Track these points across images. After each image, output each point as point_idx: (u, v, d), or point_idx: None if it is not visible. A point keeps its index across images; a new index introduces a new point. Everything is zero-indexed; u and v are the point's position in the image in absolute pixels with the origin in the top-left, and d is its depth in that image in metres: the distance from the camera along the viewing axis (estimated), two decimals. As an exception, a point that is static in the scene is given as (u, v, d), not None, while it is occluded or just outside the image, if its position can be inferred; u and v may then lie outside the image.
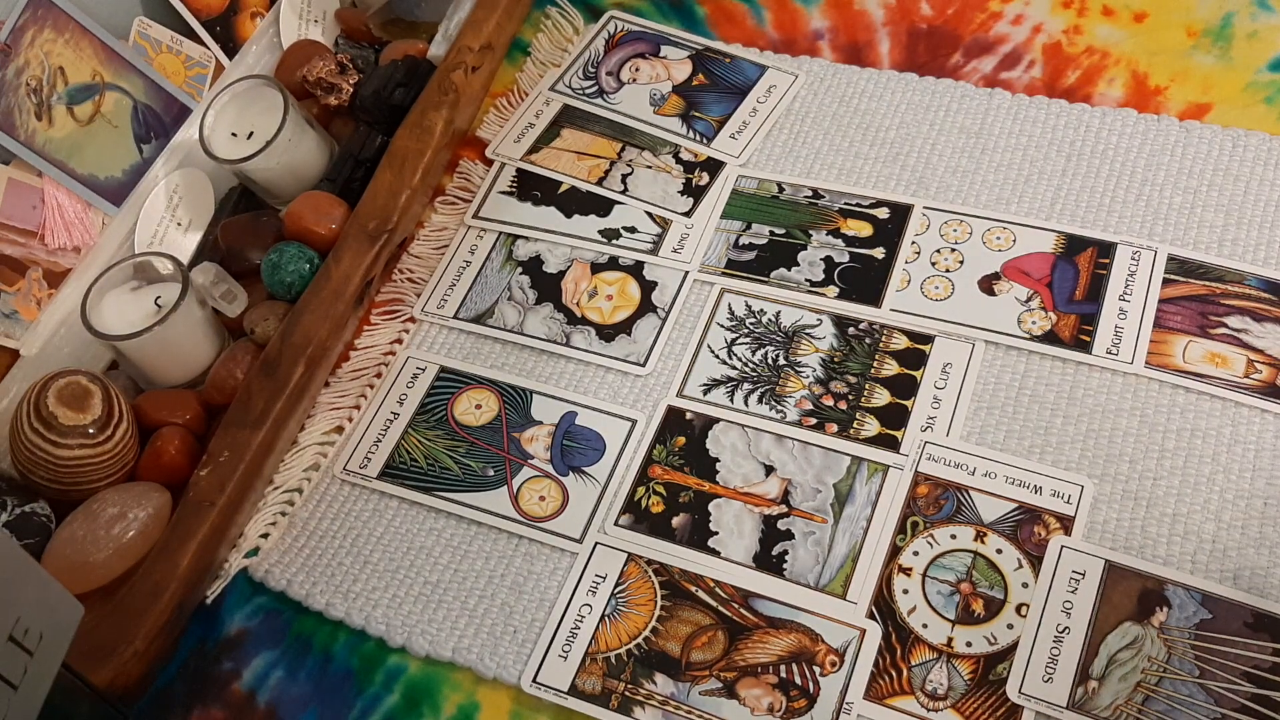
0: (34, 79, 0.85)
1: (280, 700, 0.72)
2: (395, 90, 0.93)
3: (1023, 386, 0.77)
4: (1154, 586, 0.68)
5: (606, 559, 0.74)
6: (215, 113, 0.90)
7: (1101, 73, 0.90)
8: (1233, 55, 0.89)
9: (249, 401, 0.78)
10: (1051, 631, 0.67)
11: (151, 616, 0.71)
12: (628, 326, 0.84)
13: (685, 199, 0.89)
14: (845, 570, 0.71)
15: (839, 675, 0.68)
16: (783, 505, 0.74)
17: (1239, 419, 0.73)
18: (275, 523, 0.79)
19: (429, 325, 0.87)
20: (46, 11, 0.86)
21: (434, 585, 0.75)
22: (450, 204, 0.93)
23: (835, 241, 0.85)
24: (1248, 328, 0.76)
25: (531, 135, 0.95)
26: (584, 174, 0.92)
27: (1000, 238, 0.83)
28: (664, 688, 0.69)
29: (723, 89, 0.95)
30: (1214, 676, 0.65)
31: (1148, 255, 0.80)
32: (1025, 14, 0.94)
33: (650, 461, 0.77)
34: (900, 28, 0.96)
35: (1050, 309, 0.79)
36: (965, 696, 0.66)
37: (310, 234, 0.86)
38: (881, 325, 0.81)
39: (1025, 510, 0.72)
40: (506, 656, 0.71)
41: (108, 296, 0.82)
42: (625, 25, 1.01)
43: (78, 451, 0.74)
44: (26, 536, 0.74)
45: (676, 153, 0.92)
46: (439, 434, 0.81)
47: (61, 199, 0.86)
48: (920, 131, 0.90)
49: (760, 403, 0.79)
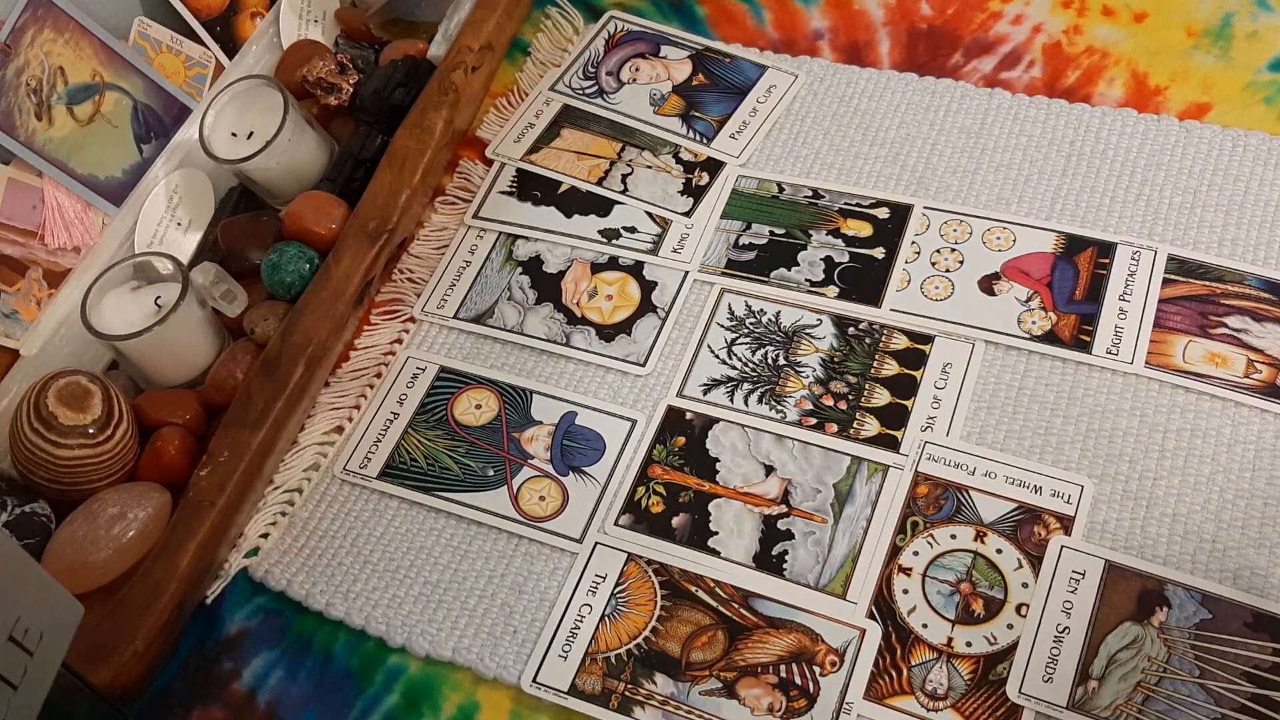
0: (34, 79, 0.85)
1: (280, 700, 0.72)
2: (395, 90, 0.93)
3: (1023, 386, 0.77)
4: (1154, 586, 0.68)
5: (606, 559, 0.74)
6: (215, 113, 0.90)
7: (1101, 73, 0.90)
8: (1233, 55, 0.89)
9: (249, 401, 0.78)
10: (1051, 631, 0.67)
11: (151, 616, 0.71)
12: (628, 326, 0.84)
13: (685, 199, 0.89)
14: (845, 570, 0.71)
15: (839, 675, 0.68)
16: (783, 505, 0.74)
17: (1239, 419, 0.73)
18: (275, 523, 0.79)
19: (429, 325, 0.87)
20: (46, 11, 0.86)
21: (434, 585, 0.75)
22: (450, 204, 0.93)
23: (835, 241, 0.85)
24: (1248, 328, 0.76)
25: (531, 135, 0.95)
26: (584, 174, 0.92)
27: (1000, 238, 0.83)
28: (664, 688, 0.69)
29: (723, 89, 0.95)
30: (1214, 676, 0.65)
31: (1148, 255, 0.80)
32: (1025, 14, 0.94)
33: (650, 461, 0.77)
34: (900, 28, 0.96)
35: (1050, 309, 0.79)
36: (965, 696, 0.66)
37: (310, 234, 0.86)
38: (881, 325, 0.81)
39: (1025, 510, 0.72)
40: (506, 656, 0.71)
41: (108, 296, 0.82)
42: (625, 25, 1.01)
43: (78, 451, 0.74)
44: (26, 536, 0.74)
45: (676, 153, 0.92)
46: (439, 434, 0.81)
47: (61, 199, 0.86)
48: (920, 131, 0.90)
49: (760, 403, 0.79)
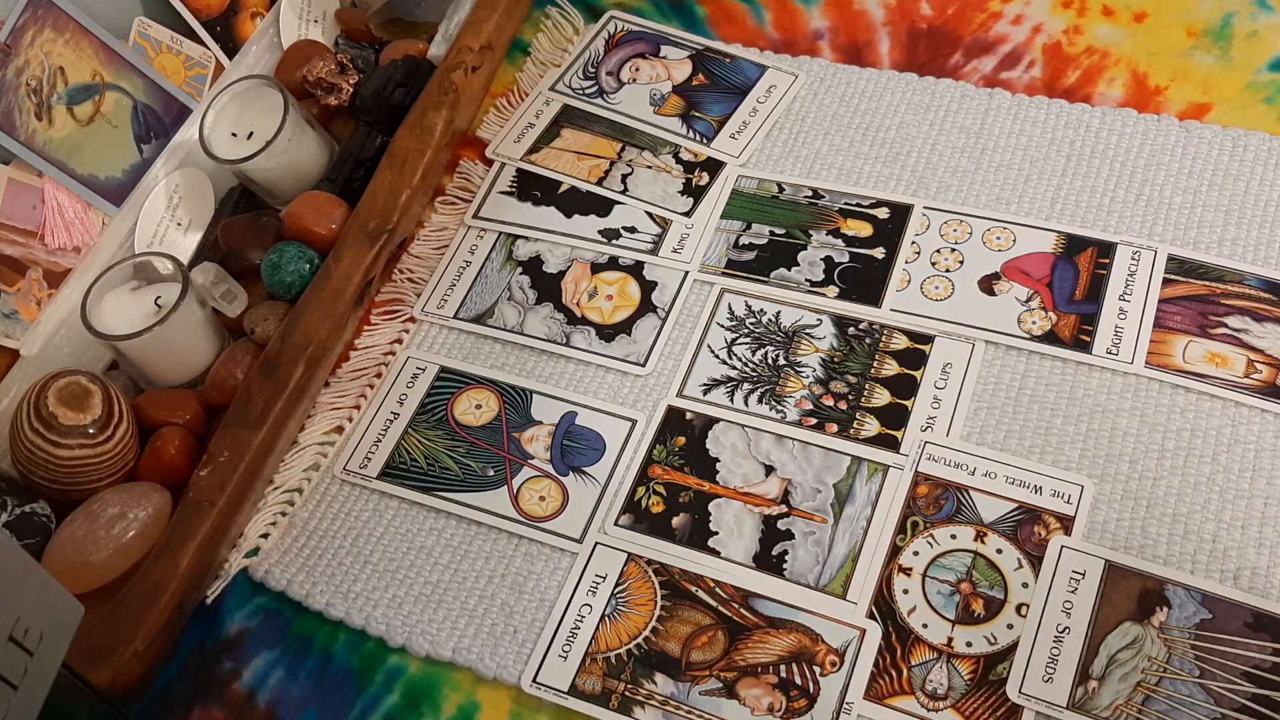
0: (34, 79, 0.85)
1: (280, 700, 0.72)
2: (395, 90, 0.93)
3: (1023, 386, 0.77)
4: (1154, 586, 0.68)
5: (606, 559, 0.74)
6: (215, 113, 0.90)
7: (1101, 73, 0.90)
8: (1233, 55, 0.89)
9: (249, 401, 0.78)
10: (1051, 631, 0.67)
11: (151, 616, 0.71)
12: (628, 326, 0.84)
13: (685, 199, 0.89)
14: (845, 570, 0.71)
15: (839, 675, 0.68)
16: (783, 505, 0.74)
17: (1239, 419, 0.73)
18: (275, 523, 0.79)
19: (429, 325, 0.87)
20: (46, 11, 0.86)
21: (434, 585, 0.75)
22: (450, 204, 0.93)
23: (835, 241, 0.85)
24: (1248, 328, 0.76)
25: (531, 135, 0.95)
26: (584, 174, 0.92)
27: (1000, 238, 0.83)
28: (664, 688, 0.69)
29: (723, 89, 0.95)
30: (1214, 676, 0.65)
31: (1148, 255, 0.80)
32: (1025, 14, 0.94)
33: (650, 461, 0.77)
34: (900, 28, 0.96)
35: (1050, 309, 0.79)
36: (965, 696, 0.66)
37: (310, 234, 0.86)
38: (881, 325, 0.81)
39: (1025, 510, 0.72)
40: (506, 656, 0.71)
41: (108, 296, 0.82)
42: (625, 25, 1.01)
43: (78, 451, 0.74)
44: (26, 536, 0.74)
45: (676, 153, 0.92)
46: (439, 434, 0.81)
47: (61, 199, 0.86)
48: (920, 131, 0.89)
49: (760, 403, 0.79)
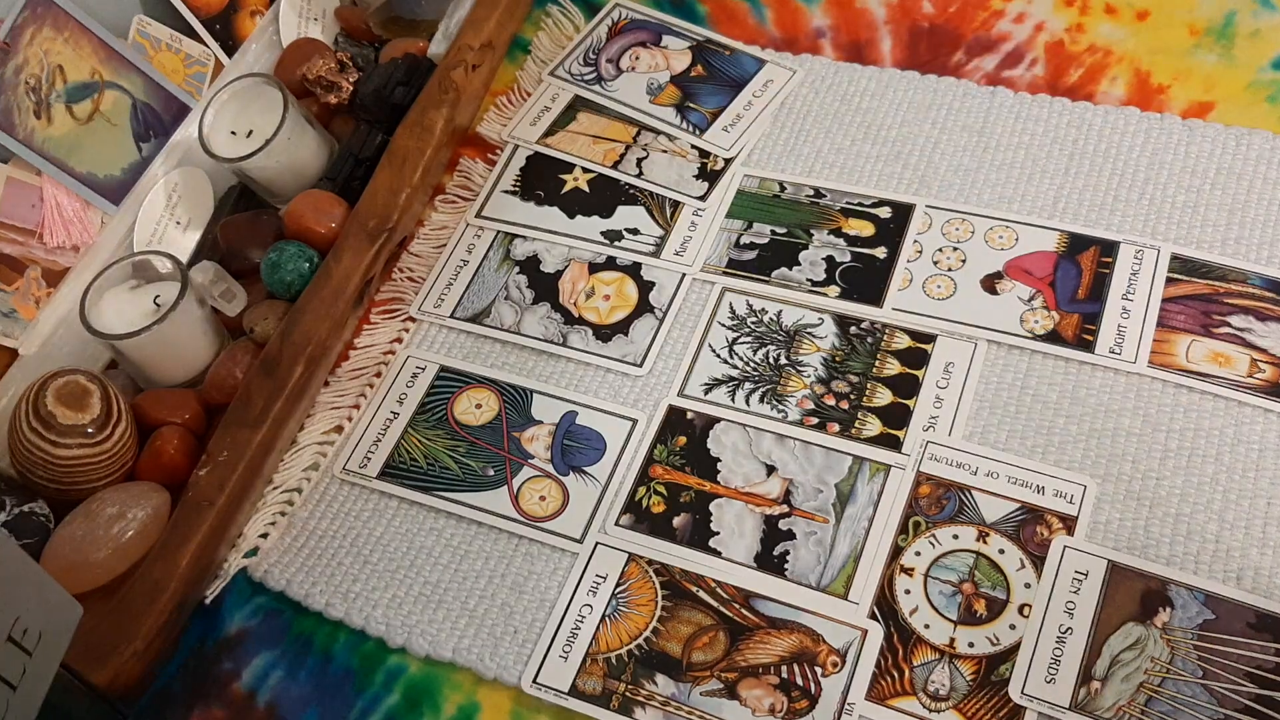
0: (33, 77, 0.85)
1: (280, 700, 0.72)
2: (395, 89, 0.93)
3: (1025, 386, 0.76)
4: (1157, 587, 0.68)
5: (607, 559, 0.74)
6: (215, 111, 0.90)
7: (1104, 71, 0.90)
8: (1235, 54, 0.89)
9: (248, 401, 0.78)
10: (1054, 632, 0.67)
11: (151, 616, 0.71)
12: (625, 327, 0.84)
13: (700, 183, 0.89)
14: (847, 570, 0.71)
15: (840, 676, 0.68)
16: (784, 505, 0.74)
17: (1242, 419, 0.73)
18: (275, 522, 0.78)
19: (429, 324, 0.87)
20: (46, 9, 0.86)
21: (434, 585, 0.75)
22: (450, 203, 0.93)
23: (837, 241, 0.85)
24: (1251, 327, 0.76)
25: (547, 119, 0.95)
26: (599, 158, 0.92)
27: (1003, 236, 0.83)
28: (665, 688, 0.69)
29: (720, 81, 0.95)
30: (1217, 677, 0.65)
31: (1150, 254, 0.80)
32: (1027, 12, 0.94)
33: (651, 461, 0.77)
34: (902, 26, 0.96)
35: (1053, 308, 0.79)
36: (967, 697, 0.66)
37: (310, 233, 0.86)
38: (883, 324, 0.81)
39: (1028, 510, 0.72)
40: (507, 657, 0.71)
41: (106, 295, 0.82)
42: (628, 13, 1.01)
43: (76, 451, 0.74)
44: (25, 536, 0.73)
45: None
46: (439, 433, 0.81)
47: (60, 197, 0.86)
48: (922, 130, 0.89)
49: (761, 402, 0.78)
